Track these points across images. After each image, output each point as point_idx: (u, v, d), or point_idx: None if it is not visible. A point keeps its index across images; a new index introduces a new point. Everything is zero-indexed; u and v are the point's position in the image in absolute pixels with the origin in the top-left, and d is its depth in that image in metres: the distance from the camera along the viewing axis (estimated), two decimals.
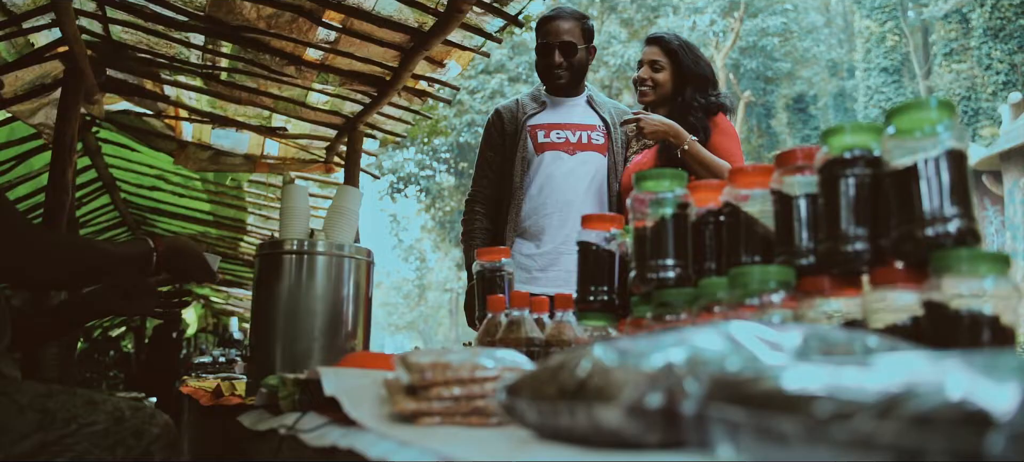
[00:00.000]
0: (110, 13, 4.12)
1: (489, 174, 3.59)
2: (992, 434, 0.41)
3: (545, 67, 3.48)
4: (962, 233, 1.05)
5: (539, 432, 0.86)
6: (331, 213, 2.30)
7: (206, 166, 6.13)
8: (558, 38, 3.42)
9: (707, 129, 3.19)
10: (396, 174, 30.18)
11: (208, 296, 15.05)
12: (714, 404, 0.63)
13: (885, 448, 0.46)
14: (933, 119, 1.08)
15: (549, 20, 3.47)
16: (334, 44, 4.22)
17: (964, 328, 0.99)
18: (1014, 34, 25.12)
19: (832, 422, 0.50)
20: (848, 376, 0.54)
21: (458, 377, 1.12)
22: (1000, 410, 0.42)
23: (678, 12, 30.60)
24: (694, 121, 3.19)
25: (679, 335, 0.79)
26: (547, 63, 3.46)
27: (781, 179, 1.29)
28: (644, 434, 0.72)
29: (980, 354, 0.62)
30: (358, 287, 2.30)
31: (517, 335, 1.79)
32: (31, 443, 1.88)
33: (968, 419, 0.43)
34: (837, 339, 0.82)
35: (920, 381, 0.49)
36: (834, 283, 1.18)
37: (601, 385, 0.75)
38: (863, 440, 0.47)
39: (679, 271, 1.40)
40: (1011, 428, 0.41)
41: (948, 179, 1.06)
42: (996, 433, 0.41)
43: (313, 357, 2.17)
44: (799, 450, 0.53)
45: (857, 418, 0.49)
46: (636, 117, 3.11)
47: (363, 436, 1.05)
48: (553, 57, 3.43)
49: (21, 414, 1.90)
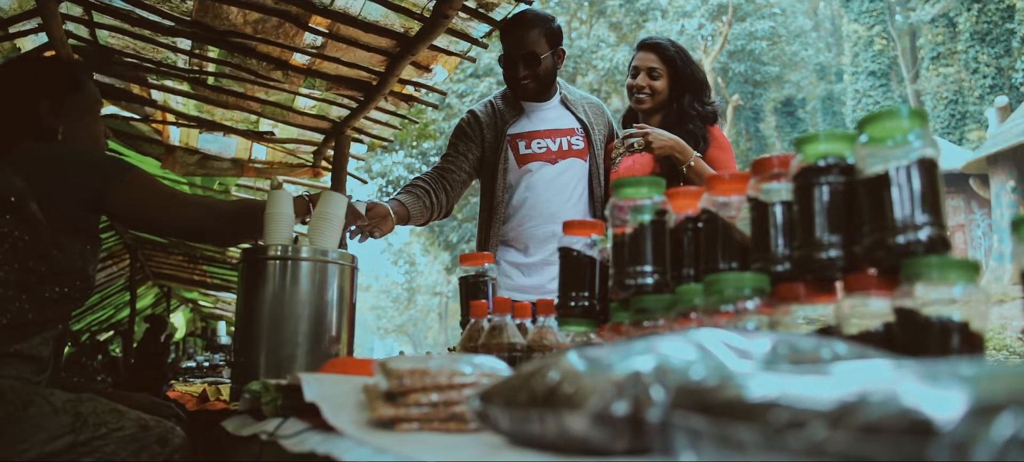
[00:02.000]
0: (97, 18, 4.11)
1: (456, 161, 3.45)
2: (934, 443, 0.42)
3: (510, 78, 3.36)
4: (933, 241, 1.07)
5: (512, 439, 0.87)
6: (315, 219, 2.30)
7: (193, 170, 6.12)
8: (521, 49, 3.29)
9: (706, 138, 3.20)
10: (385, 177, 30.15)
11: (196, 300, 15.02)
12: (677, 412, 0.64)
13: (836, 456, 0.47)
14: (905, 128, 1.10)
15: (511, 29, 3.34)
16: (321, 49, 4.22)
17: (934, 334, 1.01)
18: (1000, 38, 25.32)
19: (787, 431, 0.51)
20: (806, 385, 0.56)
21: (436, 383, 1.13)
22: (944, 419, 0.43)
23: (667, 16, 30.70)
24: (694, 129, 3.20)
25: (648, 343, 0.80)
26: (511, 75, 3.34)
27: (758, 186, 1.30)
28: (611, 442, 0.73)
29: (942, 361, 0.63)
30: (342, 292, 2.31)
31: (499, 340, 1.81)
32: (63, 443, 2.02)
33: (912, 428, 0.44)
34: (805, 347, 0.83)
35: (874, 390, 0.50)
36: (809, 290, 1.19)
37: (569, 393, 0.76)
38: (815, 449, 0.49)
39: (657, 277, 1.41)
40: (953, 437, 0.42)
41: (919, 187, 1.08)
42: (938, 442, 0.42)
43: (297, 362, 2.18)
44: (756, 457, 0.54)
45: (810, 427, 0.50)
46: (644, 132, 3.09)
47: (341, 442, 1.06)
48: (518, 69, 3.30)
49: (56, 415, 2.04)
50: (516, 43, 3.30)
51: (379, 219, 2.91)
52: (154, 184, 2.35)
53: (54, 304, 2.21)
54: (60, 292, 2.21)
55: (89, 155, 2.34)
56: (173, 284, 12.91)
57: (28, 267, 2.14)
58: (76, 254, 2.22)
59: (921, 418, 0.44)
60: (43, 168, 2.20)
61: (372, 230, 2.86)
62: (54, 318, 2.24)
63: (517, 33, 3.31)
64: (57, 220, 2.17)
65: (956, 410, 0.43)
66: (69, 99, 2.39)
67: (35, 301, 2.16)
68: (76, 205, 2.21)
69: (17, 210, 2.13)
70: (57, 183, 2.19)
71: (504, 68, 3.37)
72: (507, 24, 3.39)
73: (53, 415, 2.04)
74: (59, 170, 2.21)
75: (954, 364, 0.57)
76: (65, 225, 2.18)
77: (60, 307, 2.25)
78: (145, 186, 2.30)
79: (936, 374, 0.51)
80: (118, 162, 2.38)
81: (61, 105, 2.36)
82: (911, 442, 0.43)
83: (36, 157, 2.22)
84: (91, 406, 2.12)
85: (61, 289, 2.21)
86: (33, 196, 2.14)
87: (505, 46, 3.35)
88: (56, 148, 2.32)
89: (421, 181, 3.39)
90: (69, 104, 2.38)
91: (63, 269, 2.19)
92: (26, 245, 2.13)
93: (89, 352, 11.18)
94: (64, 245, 2.18)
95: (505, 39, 3.36)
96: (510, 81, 3.38)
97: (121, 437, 2.12)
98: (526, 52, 3.28)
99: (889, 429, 0.45)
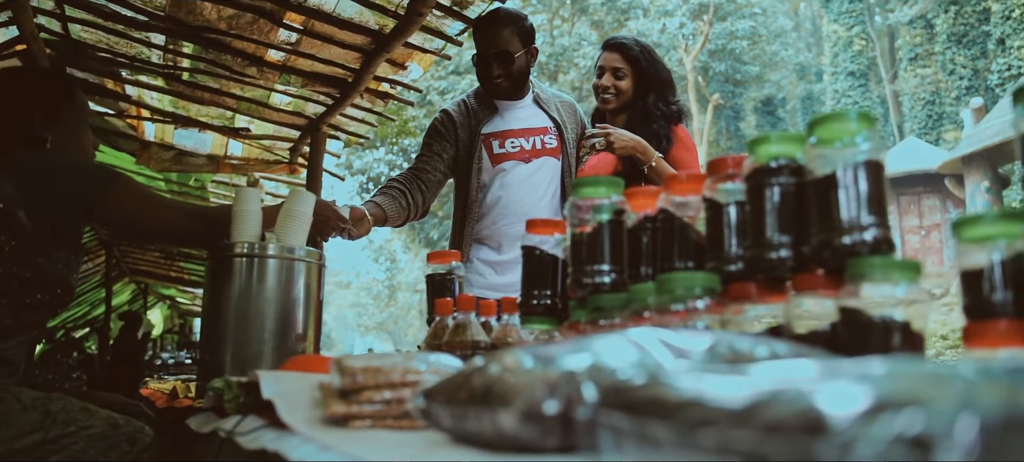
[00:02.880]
0: (69, 12, 4.08)
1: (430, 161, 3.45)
2: (825, 441, 0.43)
3: (484, 77, 3.37)
4: (878, 241, 1.08)
5: (453, 436, 0.88)
6: (282, 216, 2.30)
7: (169, 167, 6.09)
8: (494, 48, 3.29)
9: (670, 138, 3.22)
10: (366, 174, 30.09)
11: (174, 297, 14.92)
12: (603, 410, 0.65)
13: (741, 454, 0.48)
14: (853, 130, 1.12)
15: (484, 28, 3.35)
16: (295, 45, 4.21)
17: (877, 333, 1.02)
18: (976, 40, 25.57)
19: (698, 429, 0.53)
20: (723, 384, 0.57)
21: (389, 381, 1.14)
22: (840, 417, 0.45)
23: (648, 14, 30.79)
24: (658, 129, 3.21)
25: (588, 342, 0.82)
26: (485, 74, 3.34)
27: (713, 187, 1.32)
28: (542, 439, 0.74)
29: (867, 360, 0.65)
30: (309, 290, 2.31)
31: (462, 338, 1.82)
32: (32, 440, 2.03)
33: (808, 426, 0.45)
34: (743, 346, 0.85)
35: (783, 389, 0.51)
36: (760, 289, 1.20)
37: (502, 390, 0.77)
38: (723, 447, 0.50)
39: (614, 276, 1.42)
40: (842, 436, 0.43)
41: (866, 189, 1.09)
42: (829, 440, 0.43)
43: (263, 360, 2.18)
44: (672, 455, 0.55)
45: (718, 425, 0.51)
46: (606, 132, 3.11)
47: (290, 439, 1.07)
48: (491, 69, 3.31)
49: (24, 413, 2.05)
50: (489, 42, 3.31)
51: (356, 221, 2.93)
52: (143, 191, 2.39)
53: (33, 310, 2.22)
54: (41, 298, 2.21)
55: (80, 164, 2.36)
56: (150, 281, 12.82)
57: (12, 273, 2.14)
58: (60, 262, 2.23)
59: (817, 416, 0.46)
60: (34, 176, 2.22)
61: (351, 231, 2.89)
62: (31, 323, 2.24)
63: (490, 32, 3.31)
64: (44, 228, 2.18)
65: (853, 409, 0.45)
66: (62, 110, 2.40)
67: (15, 306, 2.17)
68: (66, 213, 2.22)
69: (4, 216, 2.13)
70: (48, 191, 2.20)
71: (477, 67, 3.38)
72: (480, 23, 3.39)
73: (22, 413, 2.05)
74: (50, 178, 2.23)
75: (871, 363, 0.58)
76: (52, 233, 2.19)
77: (39, 313, 2.25)
78: (136, 194, 2.34)
79: (847, 373, 0.53)
80: (108, 170, 2.40)
81: (54, 116, 2.38)
82: (806, 440, 0.44)
83: (26, 165, 2.23)
84: (61, 404, 2.13)
85: (43, 296, 2.22)
86: (21, 203, 2.15)
87: (478, 45, 3.35)
88: (47, 156, 2.33)
89: (396, 182, 3.40)
90: (62, 115, 2.40)
91: (47, 276, 2.20)
92: (12, 251, 2.14)
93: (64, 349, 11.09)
94: (49, 253, 2.19)
95: (478, 38, 3.36)
96: (483, 80, 3.38)
97: (90, 435, 2.12)
98: (499, 51, 3.29)
99: (788, 427, 0.46)
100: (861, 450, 0.41)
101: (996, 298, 0.96)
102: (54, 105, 2.39)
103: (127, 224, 2.32)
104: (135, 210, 2.30)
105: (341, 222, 2.72)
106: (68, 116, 2.43)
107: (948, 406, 0.40)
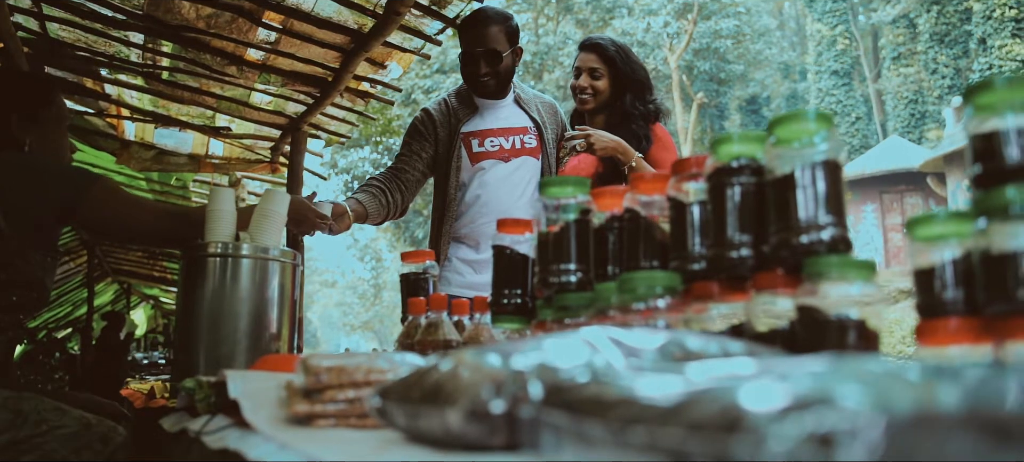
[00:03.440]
0: (46, 10, 4.06)
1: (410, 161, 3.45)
2: (741, 439, 0.44)
3: (470, 75, 3.37)
4: (835, 240, 1.09)
5: (407, 435, 0.89)
6: (256, 216, 2.30)
7: (150, 166, 6.06)
8: (481, 46, 3.29)
9: (649, 137, 3.24)
10: (351, 173, 30.05)
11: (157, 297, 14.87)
12: (545, 409, 0.66)
13: (666, 452, 0.49)
14: (811, 130, 1.13)
15: (472, 26, 3.35)
16: (275, 45, 4.20)
17: (833, 332, 1.03)
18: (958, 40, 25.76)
19: (628, 427, 0.53)
20: (659, 383, 0.58)
21: (352, 380, 1.14)
22: (757, 415, 0.45)
23: (633, 13, 30.85)
24: (636, 129, 3.23)
25: (540, 340, 0.82)
26: (472, 71, 3.35)
27: (677, 186, 1.33)
28: (488, 437, 0.75)
29: (804, 359, 0.66)
30: (283, 289, 2.31)
31: (434, 337, 1.82)
32: (3, 440, 2.02)
33: (728, 424, 0.46)
34: (694, 345, 0.86)
35: (713, 387, 0.52)
36: (723, 288, 1.21)
37: (450, 389, 0.77)
38: (650, 444, 0.51)
39: (580, 275, 1.43)
40: (757, 434, 0.44)
41: (824, 188, 1.10)
42: (745, 438, 0.44)
43: (236, 359, 2.18)
44: (605, 453, 0.56)
45: (646, 423, 0.52)
46: (586, 134, 3.12)
47: (251, 438, 1.07)
48: (479, 66, 3.32)
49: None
50: (476, 40, 3.31)
51: (337, 217, 2.95)
52: (122, 193, 2.39)
53: (6, 311, 2.21)
54: (17, 301, 2.21)
55: (59, 166, 2.36)
56: (133, 281, 12.78)
57: None
58: (36, 265, 2.23)
59: (736, 415, 0.46)
60: (12, 178, 2.22)
61: (332, 226, 2.91)
62: (5, 325, 2.23)
63: (478, 30, 3.31)
64: (22, 230, 2.17)
65: (771, 407, 0.45)
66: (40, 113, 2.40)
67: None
68: (45, 216, 2.22)
69: None
70: (26, 193, 2.20)
71: (463, 65, 3.38)
72: (467, 21, 3.39)
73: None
74: (29, 181, 2.23)
75: (807, 362, 0.59)
76: (29, 235, 2.19)
77: (14, 315, 2.25)
78: (116, 195, 2.35)
79: (776, 372, 0.53)
80: (87, 172, 2.40)
81: (32, 118, 2.37)
82: (724, 437, 0.45)
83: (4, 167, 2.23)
84: (33, 404, 2.12)
85: (19, 298, 2.21)
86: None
87: (464, 43, 3.35)
88: (25, 159, 2.32)
89: (376, 181, 3.40)
90: (40, 118, 2.40)
91: (23, 278, 2.19)
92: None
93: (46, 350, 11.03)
94: (26, 255, 2.19)
95: (465, 36, 3.36)
96: (470, 78, 3.38)
97: (62, 435, 2.12)
98: (487, 49, 3.29)
99: (709, 425, 0.47)
100: (772, 447, 0.42)
101: (947, 296, 0.97)
102: (32, 108, 2.39)
103: (106, 226, 2.32)
104: (114, 212, 2.30)
105: (320, 218, 2.73)
106: (46, 119, 2.43)
107: (858, 405, 0.41)
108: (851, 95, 30.67)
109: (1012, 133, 0.94)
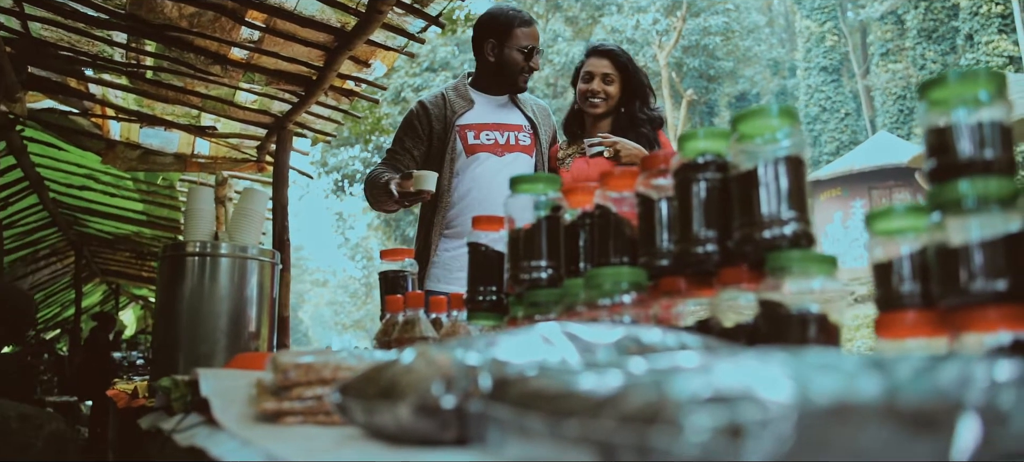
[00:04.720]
0: (29, 10, 4.05)
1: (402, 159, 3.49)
2: (657, 430, 0.45)
3: (524, 69, 3.45)
4: (797, 235, 1.10)
5: (365, 431, 0.90)
6: (235, 215, 2.30)
7: (135, 165, 6.04)
8: (538, 42, 3.45)
9: (656, 141, 3.30)
10: (341, 172, 30.00)
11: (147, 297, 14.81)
12: (491, 403, 0.67)
13: (596, 444, 0.50)
14: (774, 126, 1.14)
15: (530, 22, 3.47)
16: (258, 43, 4.20)
17: (794, 326, 1.04)
18: (946, 35, 25.84)
19: (563, 420, 0.54)
20: (598, 377, 0.58)
21: (320, 377, 1.15)
22: (677, 407, 0.46)
23: (622, 10, 30.86)
24: (646, 133, 3.30)
25: (495, 336, 0.83)
26: (526, 65, 3.44)
27: (646, 182, 1.33)
28: (439, 432, 0.75)
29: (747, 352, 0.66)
30: (262, 288, 2.31)
31: (411, 334, 1.83)
32: None
33: (649, 416, 0.47)
34: (650, 339, 0.87)
35: (645, 381, 0.53)
36: (690, 283, 1.22)
37: (403, 385, 0.78)
38: (582, 437, 0.51)
39: (551, 272, 1.44)
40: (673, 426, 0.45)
41: (786, 184, 1.11)
42: (661, 430, 0.45)
43: (215, 358, 2.18)
44: (543, 445, 0.56)
45: (580, 416, 0.53)
46: (612, 142, 3.15)
47: (218, 436, 1.07)
48: (534, 61, 3.43)
49: None
50: (535, 37, 3.45)
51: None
52: None
53: None
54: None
55: None
56: (121, 281, 12.73)
57: None
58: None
59: (658, 407, 0.47)
60: None
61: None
62: None
63: (535, 28, 3.47)
64: None
65: (693, 399, 0.46)
66: None
67: None
68: None
69: None
70: None
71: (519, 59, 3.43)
72: (525, 17, 3.48)
73: None
74: None
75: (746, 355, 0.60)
76: None
77: None
78: None
79: (710, 365, 0.54)
80: None
81: None
82: (644, 429, 0.46)
83: None
84: None
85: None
86: None
87: (526, 39, 3.43)
88: None
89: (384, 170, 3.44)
90: None
91: None
92: None
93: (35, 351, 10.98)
94: None
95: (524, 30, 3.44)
96: (522, 70, 3.46)
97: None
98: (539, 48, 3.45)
99: (634, 418, 0.48)
100: (689, 438, 0.43)
101: (904, 290, 0.99)
102: None
103: None
104: None
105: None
106: None
107: (776, 397, 0.42)
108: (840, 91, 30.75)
109: (964, 128, 0.95)
